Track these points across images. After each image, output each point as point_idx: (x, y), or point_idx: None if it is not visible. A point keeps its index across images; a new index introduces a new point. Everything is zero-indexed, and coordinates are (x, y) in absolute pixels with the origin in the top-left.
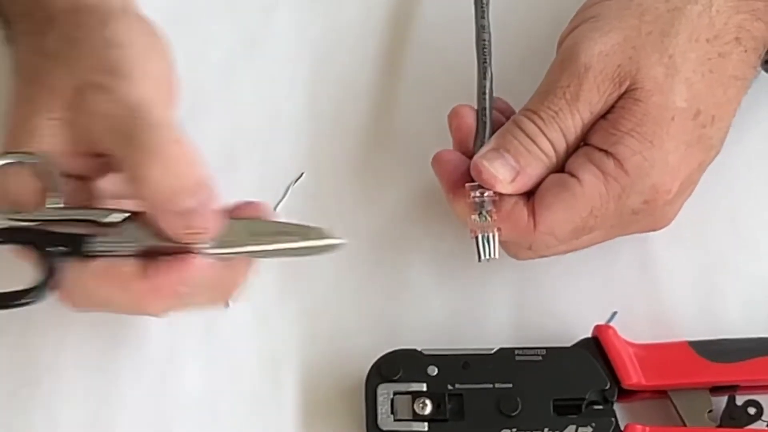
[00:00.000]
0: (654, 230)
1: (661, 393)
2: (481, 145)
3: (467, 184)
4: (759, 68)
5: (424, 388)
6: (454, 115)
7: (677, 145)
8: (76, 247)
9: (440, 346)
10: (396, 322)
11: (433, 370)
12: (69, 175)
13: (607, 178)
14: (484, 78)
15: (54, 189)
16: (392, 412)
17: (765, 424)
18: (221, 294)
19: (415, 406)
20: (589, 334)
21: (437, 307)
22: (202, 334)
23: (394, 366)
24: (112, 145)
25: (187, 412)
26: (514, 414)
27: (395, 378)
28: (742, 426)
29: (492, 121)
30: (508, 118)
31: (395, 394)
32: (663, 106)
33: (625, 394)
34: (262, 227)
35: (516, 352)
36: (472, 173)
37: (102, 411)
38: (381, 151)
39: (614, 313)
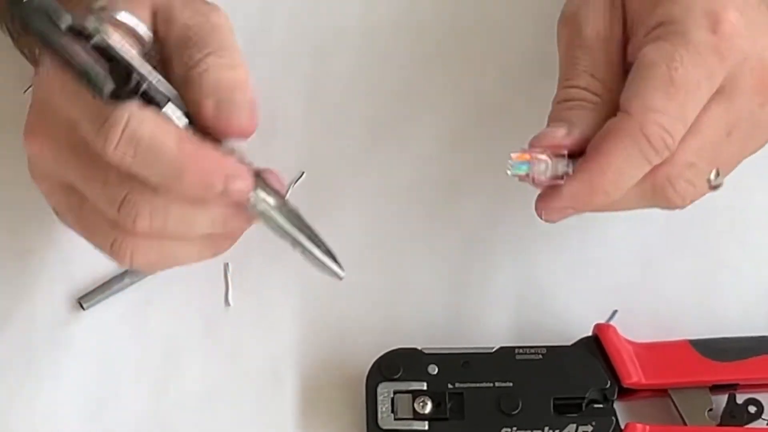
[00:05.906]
0: None
1: (661, 392)
2: None
3: None
4: None
5: (425, 387)
6: None
7: None
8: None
9: (440, 345)
10: (396, 322)
11: (433, 369)
12: None
13: None
14: None
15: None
16: (393, 411)
17: (765, 422)
18: (214, 245)
19: (416, 405)
20: (589, 333)
21: (437, 306)
22: (202, 334)
23: (395, 365)
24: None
25: (187, 412)
26: (514, 413)
27: (396, 377)
28: (742, 424)
29: None
30: None
31: (395, 393)
32: None
33: (626, 392)
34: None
35: (516, 350)
36: None
37: (102, 411)
38: (381, 150)
39: (614, 312)
